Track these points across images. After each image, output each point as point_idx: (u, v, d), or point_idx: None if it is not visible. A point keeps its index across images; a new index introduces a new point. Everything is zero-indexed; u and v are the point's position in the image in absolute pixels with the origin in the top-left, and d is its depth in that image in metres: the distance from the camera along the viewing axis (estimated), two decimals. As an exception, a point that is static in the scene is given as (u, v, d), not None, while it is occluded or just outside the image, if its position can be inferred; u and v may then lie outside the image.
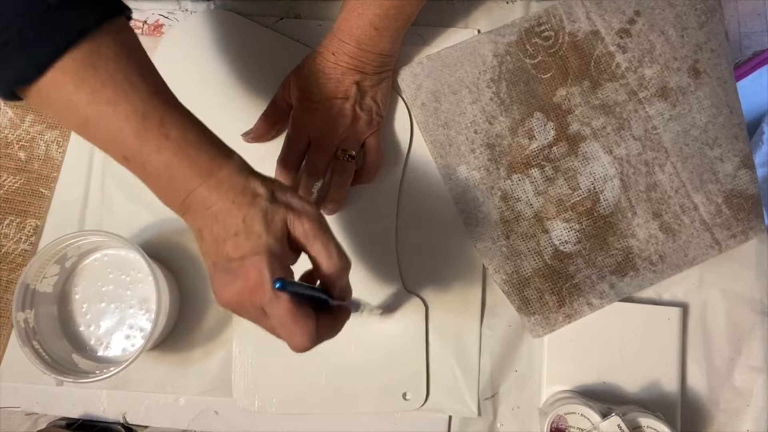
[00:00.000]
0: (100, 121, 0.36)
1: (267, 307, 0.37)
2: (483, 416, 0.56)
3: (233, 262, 0.37)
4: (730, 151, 0.57)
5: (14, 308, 0.51)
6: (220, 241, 0.38)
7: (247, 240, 0.37)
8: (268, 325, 0.39)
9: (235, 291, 0.37)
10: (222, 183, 0.38)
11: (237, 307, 0.38)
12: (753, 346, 0.57)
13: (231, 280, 0.37)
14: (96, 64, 0.35)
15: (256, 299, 0.37)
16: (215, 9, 0.61)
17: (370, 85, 0.55)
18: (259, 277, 0.36)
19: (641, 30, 0.58)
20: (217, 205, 0.38)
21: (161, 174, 0.38)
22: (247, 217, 0.37)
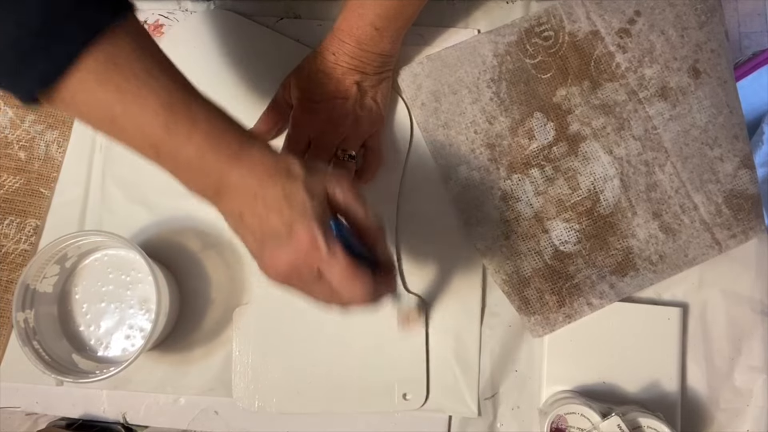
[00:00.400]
0: (128, 116, 0.36)
1: (325, 265, 0.37)
2: (483, 416, 0.56)
3: (282, 231, 0.37)
4: (730, 151, 0.57)
5: (14, 308, 0.51)
6: (264, 217, 0.38)
7: (292, 209, 0.37)
8: (323, 289, 0.39)
9: (289, 258, 0.38)
10: (255, 163, 0.38)
11: (291, 275, 0.38)
12: (753, 346, 0.57)
13: (283, 249, 0.37)
14: (117, 61, 0.35)
15: (313, 261, 0.37)
16: (215, 9, 0.61)
17: (370, 86, 0.55)
18: (313, 239, 0.37)
19: (641, 30, 0.58)
20: (254, 184, 0.38)
21: (193, 162, 0.37)
22: (289, 189, 0.38)
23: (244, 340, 0.56)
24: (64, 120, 0.60)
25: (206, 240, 0.58)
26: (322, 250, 0.37)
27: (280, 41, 0.60)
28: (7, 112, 0.60)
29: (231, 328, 0.57)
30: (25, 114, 0.60)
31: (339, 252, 0.38)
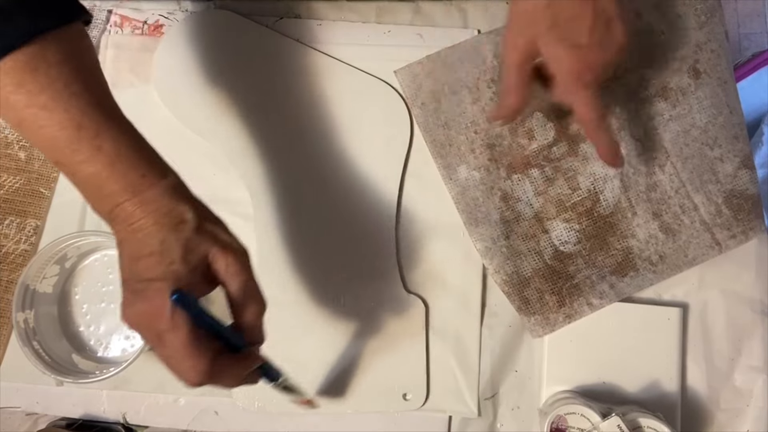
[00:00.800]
0: (35, 125, 0.37)
1: (164, 334, 0.36)
2: (483, 416, 0.56)
3: (141, 282, 0.37)
4: (730, 151, 0.57)
5: (14, 308, 0.51)
6: (135, 258, 0.37)
7: (160, 263, 0.37)
8: (162, 354, 0.38)
9: (136, 312, 0.37)
10: (148, 202, 0.38)
11: (137, 328, 0.38)
12: (753, 346, 0.57)
13: (135, 300, 0.37)
14: (37, 69, 0.36)
15: (155, 324, 0.36)
16: (215, 9, 0.61)
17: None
18: (161, 303, 0.36)
19: (641, 30, 0.58)
20: (139, 223, 0.37)
21: (90, 184, 0.38)
22: (166, 241, 0.37)
23: (244, 340, 0.56)
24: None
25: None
26: (165, 319, 0.36)
27: (280, 41, 0.60)
28: (7, 112, 0.60)
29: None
30: (25, 114, 0.60)
31: (182, 323, 0.36)
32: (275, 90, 0.59)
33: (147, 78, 0.59)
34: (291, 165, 0.59)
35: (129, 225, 0.38)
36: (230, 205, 0.57)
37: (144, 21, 0.61)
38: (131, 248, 0.38)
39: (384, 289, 0.57)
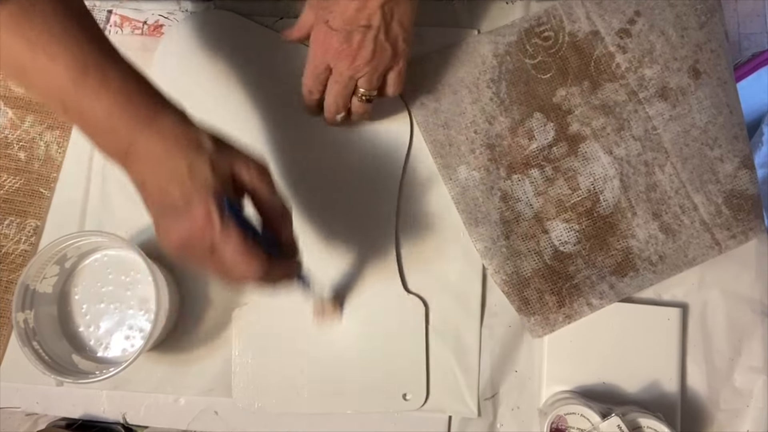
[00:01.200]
0: (37, 70, 0.37)
1: (218, 241, 0.37)
2: (483, 416, 0.56)
3: (179, 204, 0.37)
4: (730, 151, 0.57)
5: (14, 308, 0.51)
6: (164, 185, 0.38)
7: (193, 182, 0.37)
8: (216, 265, 0.39)
9: (183, 231, 0.37)
10: (165, 130, 0.38)
11: (185, 249, 0.38)
12: (753, 346, 0.57)
13: (178, 221, 0.37)
14: (32, 16, 0.36)
15: (206, 236, 0.37)
16: (215, 9, 0.61)
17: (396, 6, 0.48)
18: (208, 214, 0.37)
19: (641, 30, 0.58)
20: (160, 152, 0.38)
21: (102, 123, 0.38)
22: (193, 162, 0.38)
23: (243, 340, 0.56)
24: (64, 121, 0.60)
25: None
26: (216, 226, 0.37)
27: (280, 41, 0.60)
28: (7, 113, 0.60)
29: (231, 329, 0.57)
30: (25, 114, 0.60)
31: (233, 229, 0.37)
32: (275, 90, 0.59)
33: (147, 78, 0.59)
34: (290, 164, 0.59)
35: (150, 157, 0.38)
36: (230, 205, 0.57)
37: (144, 21, 0.61)
38: (158, 177, 0.38)
39: (384, 289, 0.57)
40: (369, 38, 0.48)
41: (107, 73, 0.37)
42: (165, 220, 0.38)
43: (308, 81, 0.53)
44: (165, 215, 0.38)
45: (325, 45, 0.49)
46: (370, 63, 0.49)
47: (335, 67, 0.50)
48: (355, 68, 0.49)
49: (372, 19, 0.47)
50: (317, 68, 0.51)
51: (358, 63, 0.49)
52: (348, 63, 0.49)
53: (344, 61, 0.49)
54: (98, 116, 0.38)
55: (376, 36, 0.48)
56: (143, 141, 0.38)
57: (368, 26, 0.48)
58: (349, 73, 0.50)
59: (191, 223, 0.37)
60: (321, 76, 0.52)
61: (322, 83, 0.52)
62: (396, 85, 0.52)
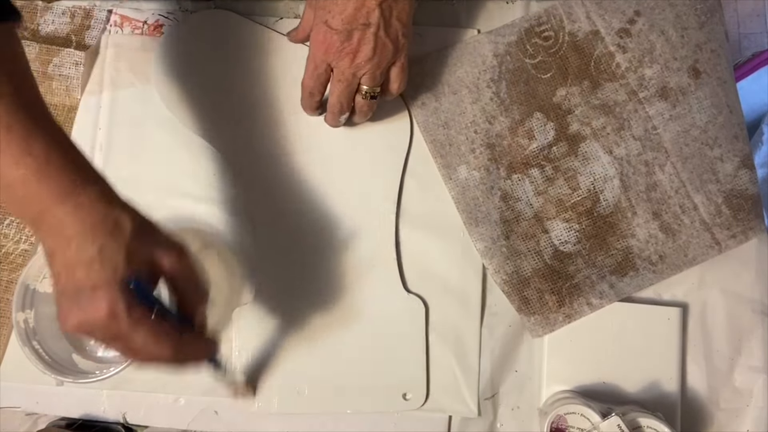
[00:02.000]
0: None
1: (125, 331, 0.36)
2: (483, 416, 0.56)
3: (84, 290, 0.36)
4: (730, 151, 0.57)
5: (14, 308, 0.51)
6: (71, 267, 0.36)
7: (102, 270, 0.36)
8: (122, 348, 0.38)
9: (84, 319, 0.36)
10: (81, 208, 0.37)
11: (84, 334, 0.37)
12: (753, 346, 0.57)
13: (81, 307, 0.36)
14: None
15: (110, 327, 0.36)
16: (215, 9, 0.61)
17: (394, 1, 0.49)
18: (113, 306, 0.35)
19: (641, 30, 0.58)
20: (72, 230, 0.36)
21: (16, 188, 0.36)
22: (105, 247, 0.36)
23: (243, 340, 0.56)
24: (64, 120, 0.60)
25: (206, 240, 0.58)
26: (122, 319, 0.36)
27: (280, 41, 0.60)
28: (7, 112, 0.60)
29: (231, 328, 0.57)
30: (25, 114, 0.60)
31: (141, 317, 0.36)
32: (275, 90, 0.59)
33: (147, 78, 0.59)
34: (290, 164, 0.59)
35: (60, 232, 0.36)
36: (230, 204, 0.57)
37: (144, 21, 0.61)
38: (66, 256, 0.36)
39: (384, 289, 0.57)
40: (369, 36, 0.48)
41: (31, 138, 0.36)
42: (67, 303, 0.37)
43: (309, 82, 0.52)
44: (68, 297, 0.37)
45: (326, 45, 0.49)
46: (371, 60, 0.49)
47: (337, 67, 0.50)
48: (357, 66, 0.49)
49: (371, 17, 0.48)
50: (318, 68, 0.51)
51: (359, 61, 0.49)
52: (349, 61, 0.49)
53: (345, 59, 0.49)
54: (14, 181, 0.36)
55: (376, 33, 0.48)
56: (56, 212, 0.36)
57: (367, 24, 0.48)
58: (351, 71, 0.50)
59: (94, 313, 0.36)
60: (322, 76, 0.51)
61: (323, 84, 0.52)
62: (399, 81, 0.52)
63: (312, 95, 0.53)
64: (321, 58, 0.50)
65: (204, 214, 0.58)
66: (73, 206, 0.36)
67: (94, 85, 0.60)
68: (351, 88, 0.51)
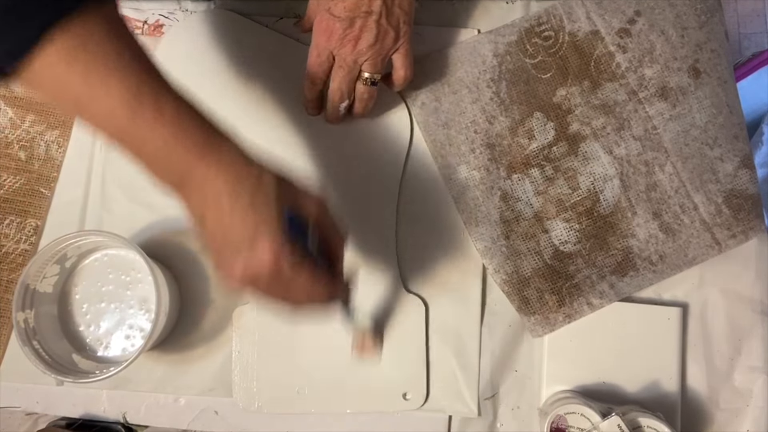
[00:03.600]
0: (93, 100, 0.36)
1: (288, 274, 0.37)
2: (483, 416, 0.56)
3: (244, 242, 0.37)
4: (730, 151, 0.57)
5: (14, 308, 0.51)
6: (226, 223, 0.37)
7: (258, 220, 0.37)
8: (278, 292, 0.39)
9: (249, 268, 0.37)
10: (224, 161, 0.37)
11: (248, 283, 0.38)
12: (753, 346, 0.57)
13: (244, 259, 0.37)
14: (87, 43, 0.35)
15: (274, 271, 0.37)
16: (215, 9, 0.61)
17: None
18: (276, 255, 0.37)
19: (641, 30, 0.58)
20: (219, 186, 0.37)
21: (158, 153, 0.37)
22: (256, 196, 0.37)
23: (244, 340, 0.56)
24: (64, 120, 0.60)
25: (206, 240, 0.58)
26: (286, 261, 0.37)
27: (280, 41, 0.60)
28: (7, 112, 0.60)
29: (231, 328, 0.57)
30: (25, 114, 0.60)
31: (303, 259, 0.38)
32: (275, 90, 0.59)
33: (147, 78, 0.59)
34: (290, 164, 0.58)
35: (208, 188, 0.37)
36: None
37: (144, 21, 0.61)
38: (219, 213, 0.37)
39: (384, 289, 0.57)
40: (371, 23, 0.49)
41: (161, 103, 0.36)
42: (227, 258, 0.37)
43: (311, 69, 0.53)
44: (226, 252, 0.37)
45: (328, 32, 0.50)
46: (373, 47, 0.50)
47: (338, 54, 0.51)
48: (359, 53, 0.50)
49: (373, 5, 0.49)
50: (320, 56, 0.51)
51: (361, 48, 0.50)
52: (351, 48, 0.50)
53: (347, 46, 0.50)
54: (154, 146, 0.37)
55: (378, 20, 0.49)
56: (201, 172, 0.37)
57: (369, 12, 0.49)
58: (352, 58, 0.51)
59: (258, 262, 0.37)
60: (324, 64, 0.52)
61: (325, 72, 0.53)
62: (405, 68, 0.53)
63: (314, 83, 0.54)
64: (323, 46, 0.51)
65: None
66: (216, 161, 0.37)
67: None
68: (352, 74, 0.52)
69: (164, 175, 0.38)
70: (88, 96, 0.36)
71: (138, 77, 0.36)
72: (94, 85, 0.35)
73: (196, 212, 0.38)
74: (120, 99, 0.35)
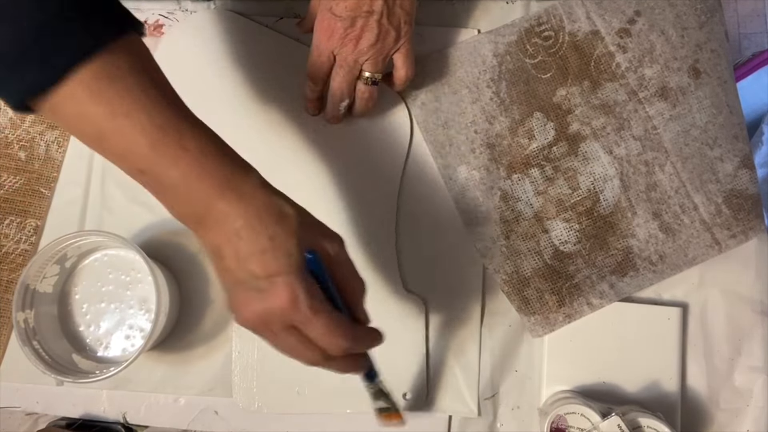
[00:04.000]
0: (116, 134, 0.35)
1: (306, 322, 0.36)
2: (483, 416, 0.56)
3: (260, 280, 0.36)
4: (730, 151, 0.57)
5: (14, 308, 0.51)
6: (243, 259, 0.36)
7: (276, 258, 0.36)
8: (292, 342, 0.38)
9: (262, 309, 0.36)
10: (244, 197, 0.36)
11: (260, 325, 0.37)
12: (753, 346, 0.57)
13: (259, 298, 0.36)
14: (113, 77, 0.34)
15: (288, 317, 0.36)
16: (215, 9, 0.61)
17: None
18: (293, 297, 0.35)
19: (641, 30, 0.58)
20: (240, 221, 0.36)
21: (178, 187, 0.36)
22: (277, 235, 0.36)
23: (244, 340, 0.56)
24: (64, 120, 0.60)
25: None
26: (303, 306, 0.36)
27: (280, 41, 0.60)
28: (7, 112, 0.60)
29: (231, 328, 0.57)
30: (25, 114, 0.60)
31: (322, 308, 0.36)
32: (275, 90, 0.59)
33: (147, 78, 0.59)
34: (290, 164, 0.59)
35: (228, 225, 0.36)
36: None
37: (144, 21, 0.61)
38: (237, 248, 0.36)
39: (384, 288, 0.57)
40: (372, 23, 0.49)
41: (184, 136, 0.36)
42: (242, 296, 0.37)
43: (312, 69, 0.53)
44: (241, 290, 0.37)
45: (329, 31, 0.50)
46: (374, 46, 0.50)
47: (339, 53, 0.51)
48: (359, 52, 0.50)
49: (374, 4, 0.49)
50: (321, 55, 0.51)
51: (362, 47, 0.50)
52: (352, 47, 0.50)
53: (348, 45, 0.50)
54: (175, 180, 0.36)
55: (380, 20, 0.49)
56: (221, 207, 0.36)
57: (371, 12, 0.49)
58: (353, 57, 0.51)
59: (273, 302, 0.35)
60: (325, 63, 0.52)
61: (326, 71, 0.53)
62: (407, 67, 0.53)
63: (315, 83, 0.54)
64: (324, 45, 0.51)
65: None
66: (236, 197, 0.36)
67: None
68: (353, 74, 0.52)
69: (185, 211, 0.38)
70: (111, 130, 0.35)
71: (162, 112, 0.36)
72: (118, 119, 0.35)
73: (213, 247, 0.37)
74: (143, 133, 0.35)
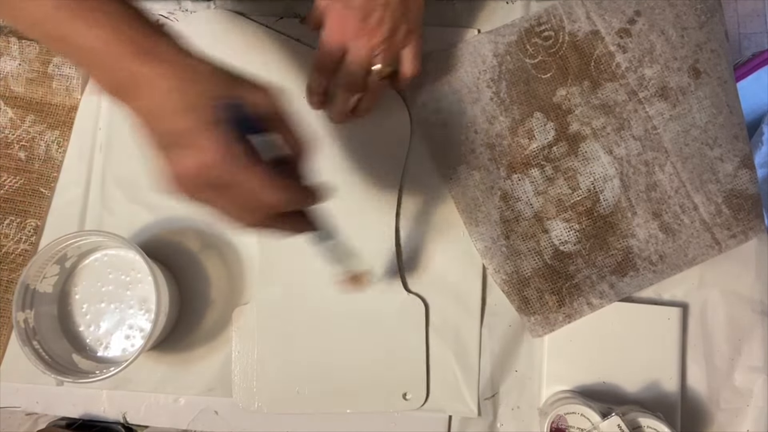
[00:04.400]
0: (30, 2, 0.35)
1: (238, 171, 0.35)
2: (483, 416, 0.56)
3: (190, 136, 0.35)
4: (730, 151, 0.57)
5: (14, 308, 0.51)
6: (174, 117, 0.35)
7: (205, 111, 0.35)
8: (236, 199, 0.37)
9: (194, 165, 0.35)
10: (169, 59, 0.36)
11: (196, 184, 0.36)
12: (753, 346, 0.57)
13: (191, 154, 0.35)
14: None
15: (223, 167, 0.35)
16: (215, 9, 0.61)
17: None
18: (224, 147, 0.34)
19: (641, 30, 0.58)
20: (158, 81, 0.35)
21: (99, 52, 0.35)
22: (205, 91, 0.35)
23: (243, 340, 0.56)
24: (65, 120, 0.60)
25: (206, 240, 0.58)
26: (236, 160, 0.34)
27: (280, 41, 0.60)
28: (7, 112, 0.60)
29: (231, 328, 0.57)
30: (25, 114, 0.60)
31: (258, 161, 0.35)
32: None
33: (147, 78, 0.59)
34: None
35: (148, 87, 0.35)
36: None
37: (144, 21, 0.61)
38: (163, 109, 0.35)
39: (384, 289, 0.57)
40: (387, 16, 0.48)
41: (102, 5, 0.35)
42: (174, 155, 0.35)
43: (320, 61, 0.51)
44: (174, 150, 0.35)
45: (342, 25, 0.49)
46: (387, 40, 0.49)
47: (352, 48, 0.49)
48: (373, 46, 0.49)
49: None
50: (331, 48, 0.50)
51: (376, 41, 0.49)
52: (365, 41, 0.49)
53: (362, 39, 0.49)
54: (94, 44, 0.35)
55: (394, 14, 0.48)
56: (146, 71, 0.35)
57: (387, 4, 0.48)
58: (366, 52, 0.49)
59: (206, 156, 0.34)
60: (335, 56, 0.50)
61: (334, 65, 0.51)
62: (413, 64, 0.52)
63: (321, 77, 0.53)
64: (336, 39, 0.49)
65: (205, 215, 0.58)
66: (160, 60, 0.35)
67: (94, 86, 0.60)
68: (365, 69, 0.51)
69: (107, 76, 0.37)
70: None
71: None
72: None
73: (142, 111, 0.36)
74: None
